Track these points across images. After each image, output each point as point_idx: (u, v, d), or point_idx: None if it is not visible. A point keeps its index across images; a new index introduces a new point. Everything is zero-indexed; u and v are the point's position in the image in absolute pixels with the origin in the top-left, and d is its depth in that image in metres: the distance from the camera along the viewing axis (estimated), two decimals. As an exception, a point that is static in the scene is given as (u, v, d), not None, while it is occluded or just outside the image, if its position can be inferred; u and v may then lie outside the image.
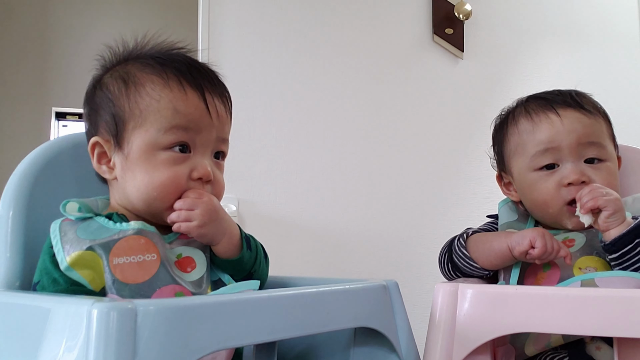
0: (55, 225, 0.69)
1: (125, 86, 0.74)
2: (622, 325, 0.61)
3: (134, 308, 0.47)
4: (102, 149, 0.75)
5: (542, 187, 0.88)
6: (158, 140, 0.72)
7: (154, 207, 0.73)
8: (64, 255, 0.65)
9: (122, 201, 0.75)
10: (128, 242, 0.68)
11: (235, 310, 0.54)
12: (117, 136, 0.73)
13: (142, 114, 0.72)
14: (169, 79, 0.74)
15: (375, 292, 0.71)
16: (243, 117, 1.74)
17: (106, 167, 0.75)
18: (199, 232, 0.72)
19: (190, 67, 0.76)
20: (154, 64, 0.75)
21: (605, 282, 0.76)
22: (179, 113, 0.72)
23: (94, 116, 0.76)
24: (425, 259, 1.88)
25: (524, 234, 0.82)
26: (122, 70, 0.76)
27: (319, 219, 1.82)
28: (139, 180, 0.72)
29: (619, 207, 0.79)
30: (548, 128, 0.89)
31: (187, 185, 0.73)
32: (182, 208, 0.71)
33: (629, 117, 2.15)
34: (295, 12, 1.84)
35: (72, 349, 0.47)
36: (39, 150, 0.81)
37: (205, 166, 0.74)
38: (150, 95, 0.73)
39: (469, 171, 2.00)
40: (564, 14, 2.23)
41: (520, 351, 0.80)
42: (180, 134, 0.72)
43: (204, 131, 0.75)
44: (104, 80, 0.77)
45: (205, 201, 0.72)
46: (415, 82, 1.98)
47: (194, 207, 0.71)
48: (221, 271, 0.76)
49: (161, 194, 0.72)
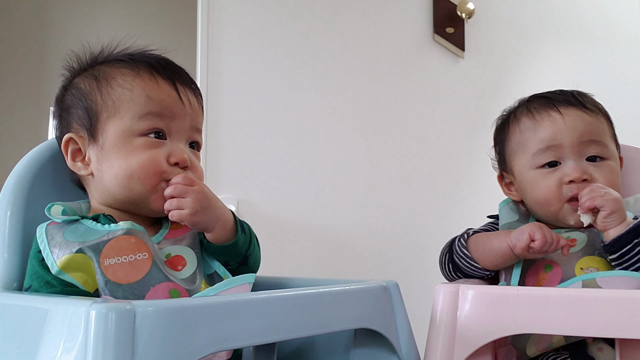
0: (42, 229, 0.69)
1: (97, 81, 0.75)
2: (624, 326, 0.61)
3: (133, 309, 0.47)
4: (76, 146, 0.75)
5: (543, 184, 0.88)
6: (133, 127, 0.72)
7: (134, 192, 0.72)
8: (54, 260, 0.65)
9: (102, 198, 0.75)
10: (118, 243, 0.67)
11: (235, 311, 0.54)
12: (90, 129, 0.73)
13: (114, 104, 0.73)
14: (139, 70, 0.75)
15: (376, 292, 0.70)
16: (243, 117, 1.74)
17: (81, 164, 0.75)
18: (191, 220, 0.71)
19: (160, 60, 0.77)
20: (124, 59, 0.76)
21: (607, 282, 0.76)
22: (152, 100, 0.73)
23: (65, 116, 0.77)
24: (425, 260, 1.87)
25: (522, 230, 0.82)
26: (91, 71, 0.77)
27: (319, 219, 1.81)
28: (116, 167, 0.72)
29: (617, 207, 0.79)
30: (550, 126, 0.89)
31: (167, 170, 0.72)
32: (172, 195, 0.70)
33: (632, 117, 2.14)
34: (295, 12, 1.84)
35: (71, 350, 0.46)
36: (37, 150, 0.81)
37: (181, 151, 0.74)
38: (122, 85, 0.74)
39: (469, 171, 2.00)
40: (565, 13, 2.23)
41: (521, 352, 0.80)
42: (155, 120, 0.73)
43: (177, 118, 0.75)
44: (73, 83, 0.78)
45: (195, 189, 0.71)
46: (415, 82, 1.98)
47: (185, 194, 0.70)
48: (217, 257, 0.76)
49: (141, 176, 0.71)
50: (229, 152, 1.69)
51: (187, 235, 0.76)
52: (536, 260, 0.86)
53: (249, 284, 0.69)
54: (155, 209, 0.74)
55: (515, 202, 0.98)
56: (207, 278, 0.74)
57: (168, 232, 0.76)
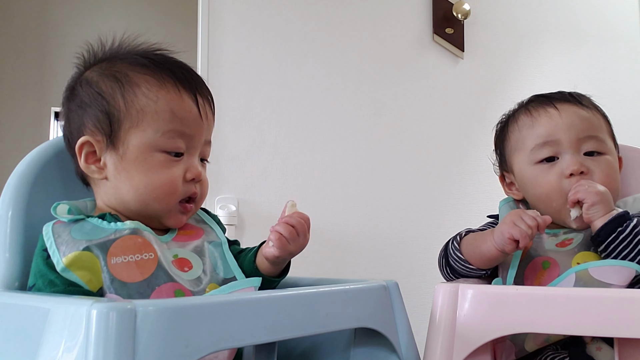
0: (48, 227, 0.69)
1: (119, 85, 0.73)
2: (622, 325, 0.61)
3: (134, 308, 0.47)
4: (91, 148, 0.74)
5: (544, 180, 0.89)
6: (156, 141, 0.72)
7: (150, 208, 0.74)
8: (60, 257, 0.65)
9: (112, 202, 0.75)
10: (125, 242, 0.68)
11: (235, 310, 0.54)
12: (111, 135, 0.73)
13: (138, 114, 0.72)
14: (164, 81, 0.74)
15: (376, 292, 0.71)
16: (242, 117, 1.74)
17: (95, 167, 0.74)
18: (288, 249, 0.75)
19: (182, 69, 0.77)
20: (146, 63, 0.75)
21: (599, 272, 0.76)
22: (175, 117, 0.73)
23: (79, 113, 0.75)
24: (425, 259, 1.88)
25: (502, 232, 0.80)
26: (109, 68, 0.75)
27: (318, 219, 1.81)
28: (136, 180, 0.72)
29: (600, 200, 0.80)
30: (547, 121, 0.90)
31: (183, 188, 0.74)
32: (282, 233, 0.74)
33: (630, 117, 2.14)
34: (295, 13, 1.84)
35: (72, 350, 0.47)
36: (38, 150, 0.81)
37: (197, 167, 0.76)
38: (147, 95, 0.73)
39: (469, 171, 2.00)
40: (564, 13, 2.23)
41: (520, 347, 0.80)
42: (177, 140, 0.74)
43: (196, 135, 0.76)
44: (89, 78, 0.75)
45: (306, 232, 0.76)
46: (415, 82, 1.98)
47: (302, 234, 0.75)
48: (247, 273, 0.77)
49: (159, 195, 0.73)
50: (229, 152, 1.69)
51: (194, 242, 0.77)
52: (534, 258, 0.86)
53: (254, 287, 0.69)
54: (167, 225, 0.76)
55: (516, 201, 0.98)
56: (223, 283, 0.74)
57: (176, 235, 0.77)
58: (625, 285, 0.75)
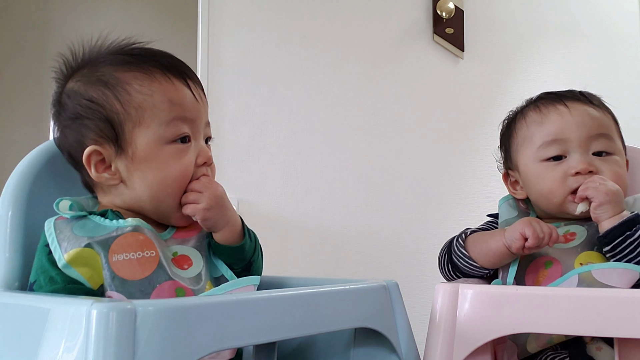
0: (50, 223, 0.69)
1: (109, 88, 0.72)
2: (622, 325, 0.61)
3: (134, 308, 0.47)
4: (99, 157, 0.72)
5: (549, 177, 0.88)
6: (161, 134, 0.72)
7: (165, 204, 0.74)
8: (62, 253, 0.65)
9: (127, 203, 0.74)
10: (127, 239, 0.67)
11: (235, 310, 0.54)
12: (117, 140, 0.72)
13: (137, 112, 0.71)
14: (153, 72, 0.73)
15: (376, 292, 0.70)
16: (242, 116, 1.74)
17: (108, 175, 0.73)
18: (203, 214, 0.73)
19: (165, 57, 0.76)
20: (128, 60, 0.74)
21: (602, 274, 0.76)
22: (174, 105, 0.73)
23: (75, 126, 0.73)
24: (425, 259, 1.88)
25: (514, 228, 0.82)
26: (92, 74, 0.74)
27: (318, 219, 1.82)
28: (150, 178, 0.72)
29: (610, 200, 0.80)
30: (557, 119, 0.90)
31: (194, 173, 0.75)
32: (192, 189, 0.73)
33: (631, 117, 2.14)
34: (294, 13, 1.84)
35: (72, 350, 0.47)
36: (38, 150, 0.81)
37: (207, 150, 0.77)
38: (141, 91, 0.72)
39: (468, 171, 2.00)
40: (564, 13, 2.23)
41: (522, 348, 0.80)
42: (181, 126, 0.74)
43: (197, 119, 0.76)
44: (75, 88, 0.74)
45: (213, 186, 0.75)
46: (415, 82, 1.98)
47: (203, 190, 0.73)
48: (222, 258, 0.77)
49: (175, 188, 0.73)
50: (229, 152, 1.70)
51: (194, 237, 0.77)
52: (536, 257, 0.86)
53: (254, 286, 0.69)
54: (175, 224, 0.76)
55: (515, 199, 0.98)
56: (213, 280, 0.75)
57: (175, 232, 0.76)
58: (629, 287, 0.75)
